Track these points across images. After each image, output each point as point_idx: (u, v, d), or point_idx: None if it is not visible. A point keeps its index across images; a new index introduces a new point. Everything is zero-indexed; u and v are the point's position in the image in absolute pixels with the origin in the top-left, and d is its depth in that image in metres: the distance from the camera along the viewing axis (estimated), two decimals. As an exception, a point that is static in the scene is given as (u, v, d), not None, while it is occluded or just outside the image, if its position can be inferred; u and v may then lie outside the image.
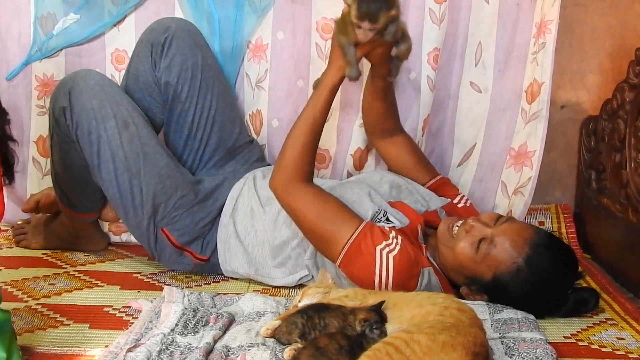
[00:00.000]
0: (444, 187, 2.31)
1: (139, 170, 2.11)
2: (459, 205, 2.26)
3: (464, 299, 1.91)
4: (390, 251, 1.89)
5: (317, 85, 2.10)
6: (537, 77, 2.46)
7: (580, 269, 2.00)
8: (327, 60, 2.09)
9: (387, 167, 2.39)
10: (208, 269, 2.22)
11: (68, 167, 2.21)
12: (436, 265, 1.99)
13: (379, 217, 2.04)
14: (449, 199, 2.26)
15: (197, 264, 2.20)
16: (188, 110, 2.26)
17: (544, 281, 1.87)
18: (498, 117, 2.53)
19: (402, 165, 2.31)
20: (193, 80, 2.25)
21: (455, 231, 1.96)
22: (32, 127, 2.50)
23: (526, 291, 1.87)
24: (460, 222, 1.98)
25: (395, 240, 1.91)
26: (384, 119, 2.30)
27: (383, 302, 1.57)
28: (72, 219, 2.34)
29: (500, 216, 1.98)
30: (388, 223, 2.02)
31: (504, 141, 2.54)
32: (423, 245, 2.02)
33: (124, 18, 2.46)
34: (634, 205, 2.24)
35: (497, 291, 1.90)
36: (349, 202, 2.05)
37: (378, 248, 1.89)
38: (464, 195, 2.31)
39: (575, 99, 2.70)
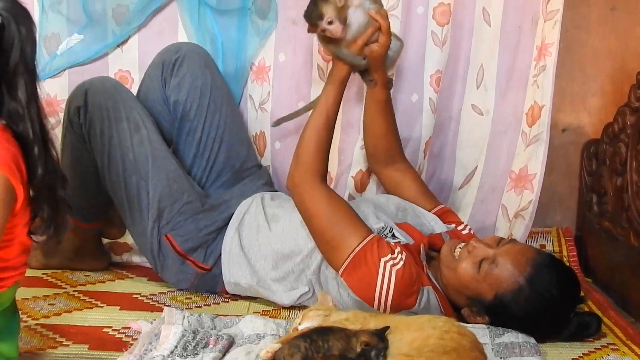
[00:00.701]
0: (447, 215, 2.31)
1: (147, 173, 2.14)
2: (463, 232, 2.26)
3: (465, 321, 1.90)
4: (394, 265, 1.89)
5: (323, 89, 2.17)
6: (537, 100, 2.46)
7: (582, 293, 2.00)
8: None
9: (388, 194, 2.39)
10: (209, 280, 2.21)
11: (77, 170, 2.21)
12: (437, 285, 1.99)
13: (385, 232, 2.05)
14: (454, 225, 2.27)
15: (199, 274, 2.19)
16: (196, 129, 2.28)
17: (546, 301, 1.86)
18: (499, 140, 2.53)
19: (404, 194, 2.32)
20: (202, 100, 2.27)
21: (458, 252, 1.96)
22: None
23: (528, 311, 1.86)
24: (463, 244, 1.99)
25: (400, 256, 1.92)
26: (385, 140, 2.30)
27: (387, 327, 1.56)
28: (76, 229, 2.32)
29: (502, 239, 1.99)
30: (394, 239, 2.03)
31: (504, 164, 2.54)
32: (424, 264, 2.02)
33: (128, 38, 2.47)
34: (636, 229, 2.23)
35: (499, 311, 1.89)
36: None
37: (383, 260, 1.90)
38: (467, 225, 2.31)
39: (576, 122, 2.70)
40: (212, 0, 2.41)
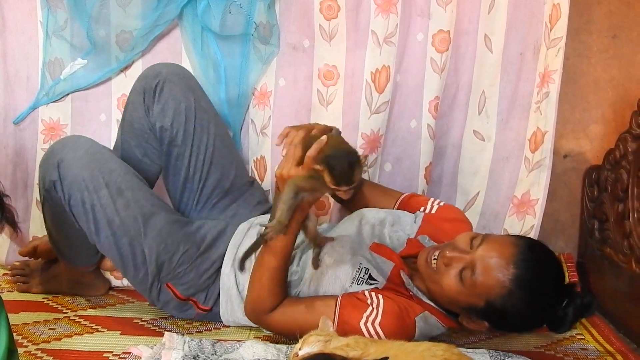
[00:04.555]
0: (412, 201, 2.26)
1: (139, 233, 2.09)
2: (433, 212, 2.19)
3: (465, 327, 1.92)
4: (373, 320, 1.87)
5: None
6: (540, 126, 2.49)
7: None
8: (328, 107, 2.09)
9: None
10: (210, 316, 2.20)
11: (63, 231, 2.20)
12: (429, 303, 1.96)
13: (361, 276, 2.01)
14: (422, 210, 2.21)
15: (200, 314, 2.19)
16: (184, 153, 2.26)
17: (539, 294, 1.83)
18: (501, 166, 2.54)
19: (368, 205, 2.27)
20: (187, 124, 2.25)
21: (434, 264, 1.92)
22: (37, 171, 2.49)
23: (523, 309, 1.83)
24: (437, 252, 1.93)
25: (372, 307, 1.90)
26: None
27: (386, 358, 1.55)
28: (71, 268, 2.35)
29: (474, 236, 1.92)
30: (370, 283, 2.00)
31: (507, 190, 2.55)
32: (411, 290, 1.99)
33: (131, 64, 2.50)
34: (637, 256, 2.23)
35: (495, 316, 1.87)
36: (333, 262, 2.03)
37: (361, 324, 1.88)
38: (434, 201, 2.23)
39: (578, 149, 2.71)
40: (215, 27, 2.42)
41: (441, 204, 2.23)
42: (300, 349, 1.67)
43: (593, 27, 2.63)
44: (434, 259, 1.92)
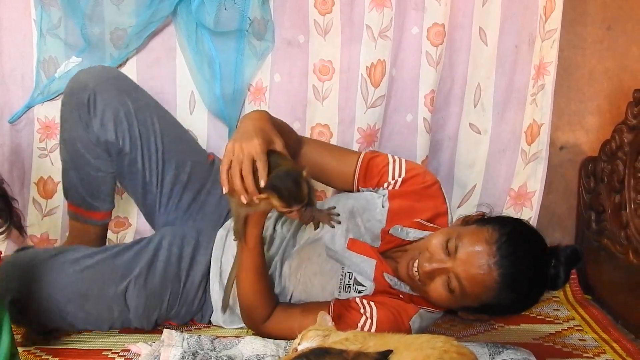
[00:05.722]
0: (374, 169, 2.11)
1: (117, 298, 2.01)
2: (397, 187, 2.09)
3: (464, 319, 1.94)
4: (369, 328, 1.88)
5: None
6: (536, 118, 2.49)
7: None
8: (323, 101, 2.05)
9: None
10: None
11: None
12: (423, 298, 1.94)
13: (347, 282, 1.99)
14: (385, 187, 2.10)
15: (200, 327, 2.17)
16: (136, 158, 2.17)
17: (529, 281, 1.82)
18: (498, 159, 2.55)
19: (326, 171, 2.15)
20: (131, 129, 2.15)
21: (417, 276, 1.88)
22: (33, 169, 2.51)
23: (518, 298, 1.84)
24: (416, 263, 1.89)
25: (365, 317, 1.90)
26: None
27: (390, 351, 1.54)
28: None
29: (447, 239, 1.85)
30: (359, 290, 1.98)
31: (503, 182, 2.56)
32: (401, 295, 1.98)
33: (126, 61, 2.48)
34: (634, 247, 2.23)
35: (492, 309, 1.88)
36: (314, 273, 2.01)
37: (359, 326, 1.89)
38: (394, 166, 2.10)
39: (573, 141, 2.70)
40: (210, 23, 2.41)
41: (402, 171, 2.09)
42: (299, 344, 1.66)
43: (588, 18, 2.63)
44: (415, 271, 1.89)
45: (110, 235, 2.52)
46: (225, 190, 1.79)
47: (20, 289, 1.92)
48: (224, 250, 2.12)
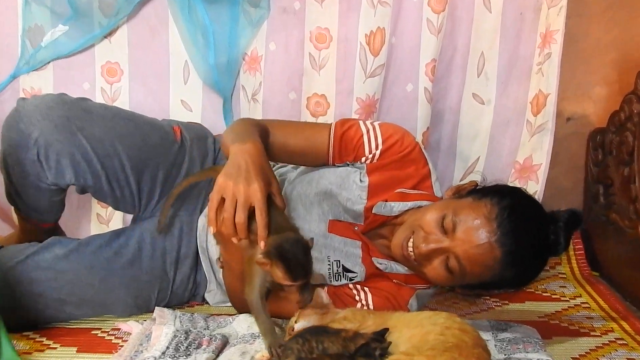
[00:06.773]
0: (348, 144, 1.98)
1: (106, 305, 1.99)
2: (375, 161, 1.98)
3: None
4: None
5: None
6: (542, 88, 2.44)
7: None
8: (320, 71, 1.97)
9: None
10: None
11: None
12: (418, 278, 1.89)
13: (336, 270, 1.93)
14: (363, 161, 1.98)
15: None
16: (101, 187, 1.99)
17: (532, 255, 1.77)
18: (502, 130, 2.50)
19: (295, 155, 2.02)
20: (91, 165, 1.95)
21: (413, 256, 1.83)
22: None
23: (520, 273, 1.79)
24: (410, 242, 1.83)
25: (362, 304, 1.89)
26: None
27: (386, 329, 1.51)
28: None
29: (442, 215, 1.79)
30: (349, 277, 1.92)
31: (508, 155, 2.52)
32: (397, 273, 1.92)
33: (116, 29, 2.43)
34: (644, 221, 2.21)
35: (494, 286, 1.85)
36: None
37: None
38: (368, 136, 1.97)
39: (581, 111, 2.65)
40: (203, -11, 2.36)
41: (379, 142, 1.97)
42: (296, 322, 1.64)
43: (593, -15, 2.58)
44: (410, 251, 1.83)
45: (99, 210, 2.51)
46: (212, 231, 1.72)
47: None
48: (208, 239, 2.06)
